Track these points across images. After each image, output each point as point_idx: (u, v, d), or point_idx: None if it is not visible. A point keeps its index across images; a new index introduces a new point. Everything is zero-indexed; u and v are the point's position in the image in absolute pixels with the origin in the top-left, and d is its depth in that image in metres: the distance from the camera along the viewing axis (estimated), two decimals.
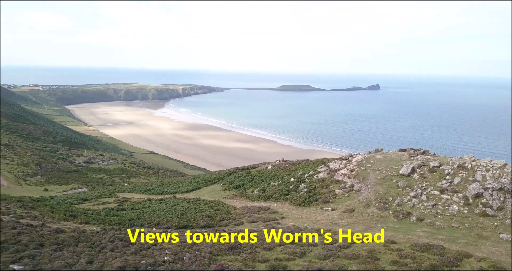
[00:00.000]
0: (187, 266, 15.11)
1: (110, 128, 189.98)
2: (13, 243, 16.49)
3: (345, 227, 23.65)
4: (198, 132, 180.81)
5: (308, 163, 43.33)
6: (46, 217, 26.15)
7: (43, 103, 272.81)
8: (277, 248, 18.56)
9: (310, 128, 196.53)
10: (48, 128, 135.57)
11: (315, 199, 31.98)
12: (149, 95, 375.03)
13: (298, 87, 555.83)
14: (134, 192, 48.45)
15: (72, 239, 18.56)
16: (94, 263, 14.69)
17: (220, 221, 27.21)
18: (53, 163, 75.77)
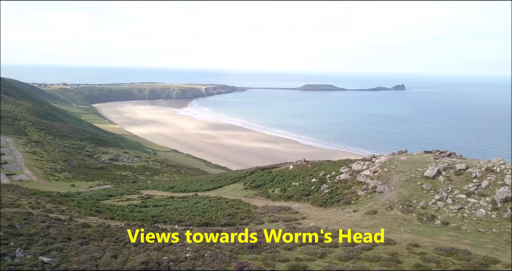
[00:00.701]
0: (208, 263, 15.30)
1: (134, 127, 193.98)
2: (42, 236, 17.12)
3: (367, 229, 23.34)
4: (220, 131, 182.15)
5: (330, 164, 42.98)
6: (73, 212, 26.99)
7: (71, 102, 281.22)
8: (297, 248, 18.53)
9: (333, 129, 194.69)
10: (76, 126, 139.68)
11: (337, 200, 31.69)
12: (172, 94, 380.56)
13: (321, 86, 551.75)
14: (157, 189, 49.31)
15: (97, 234, 19.09)
16: (118, 257, 15.07)
17: (241, 219, 27.37)
18: (80, 160, 78.01)
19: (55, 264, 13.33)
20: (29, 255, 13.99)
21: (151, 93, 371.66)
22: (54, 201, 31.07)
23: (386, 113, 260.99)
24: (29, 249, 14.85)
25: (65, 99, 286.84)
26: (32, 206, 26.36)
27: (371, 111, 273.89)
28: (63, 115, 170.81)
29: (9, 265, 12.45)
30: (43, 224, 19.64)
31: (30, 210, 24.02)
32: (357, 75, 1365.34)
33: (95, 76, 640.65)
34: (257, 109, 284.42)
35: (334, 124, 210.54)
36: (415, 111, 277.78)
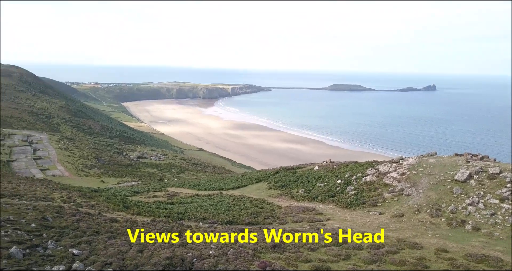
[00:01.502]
0: (231, 261, 15.40)
1: (162, 125, 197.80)
2: (72, 229, 17.72)
3: (393, 232, 22.84)
4: (246, 131, 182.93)
5: (356, 165, 42.33)
6: (102, 207, 27.81)
7: (102, 100, 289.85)
8: (321, 249, 18.37)
9: (360, 130, 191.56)
10: (106, 123, 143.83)
11: (362, 202, 31.17)
12: (199, 93, 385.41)
13: (349, 86, 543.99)
14: (183, 187, 50.06)
15: (124, 229, 19.58)
16: (144, 252, 15.41)
17: (264, 219, 27.39)
18: (109, 157, 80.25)
19: (84, 256, 13.77)
20: (60, 247, 14.51)
21: (178, 93, 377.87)
22: (84, 196, 32.12)
23: (416, 115, 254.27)
24: (60, 241, 15.41)
25: (96, 97, 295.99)
26: (63, 200, 27.34)
27: (400, 113, 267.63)
28: (94, 113, 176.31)
29: (41, 255, 12.97)
30: (73, 217, 20.33)
31: (61, 204, 24.92)
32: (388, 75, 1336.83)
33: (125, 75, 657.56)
34: (283, 109, 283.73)
35: (361, 125, 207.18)
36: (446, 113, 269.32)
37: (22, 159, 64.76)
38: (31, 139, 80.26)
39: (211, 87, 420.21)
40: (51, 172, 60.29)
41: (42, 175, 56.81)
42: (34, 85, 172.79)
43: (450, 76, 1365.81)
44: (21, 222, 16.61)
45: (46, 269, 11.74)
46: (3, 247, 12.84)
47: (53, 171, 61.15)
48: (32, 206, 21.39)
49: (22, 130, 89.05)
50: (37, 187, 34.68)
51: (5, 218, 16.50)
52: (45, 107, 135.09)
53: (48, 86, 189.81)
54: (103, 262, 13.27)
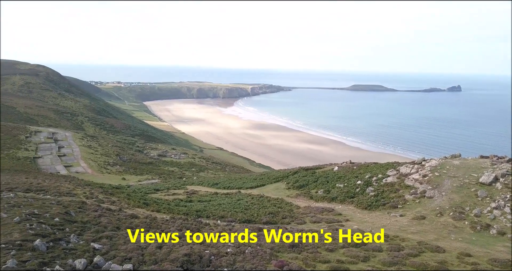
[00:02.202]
0: (248, 260, 15.41)
1: (182, 124, 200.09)
2: (94, 224, 18.12)
3: (414, 235, 22.36)
4: (265, 131, 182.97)
5: (377, 166, 41.67)
6: (123, 203, 28.33)
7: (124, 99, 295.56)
8: (339, 250, 18.15)
9: (381, 131, 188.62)
10: (128, 122, 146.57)
11: (383, 203, 30.65)
12: (219, 93, 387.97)
13: (370, 87, 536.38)
14: (202, 185, 50.46)
15: (144, 225, 19.89)
16: (162, 248, 15.59)
17: (282, 218, 27.30)
18: (130, 155, 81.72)
19: (105, 251, 14.04)
20: (82, 241, 14.86)
21: (199, 92, 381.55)
22: (106, 193, 32.80)
23: (439, 116, 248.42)
24: (82, 235, 15.78)
25: (119, 96, 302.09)
26: (86, 196, 28.00)
27: (423, 114, 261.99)
28: (117, 112, 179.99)
29: (64, 249, 13.30)
30: (95, 213, 20.78)
31: (84, 200, 25.53)
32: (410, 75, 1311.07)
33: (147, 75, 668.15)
34: (302, 109, 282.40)
35: (382, 127, 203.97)
36: (471, 114, 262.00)
37: (47, 156, 66.68)
38: (56, 136, 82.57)
39: (231, 87, 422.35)
40: (74, 169, 61.84)
41: (66, 171, 58.33)
42: (59, 84, 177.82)
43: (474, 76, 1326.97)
44: (45, 216, 17.09)
45: (69, 262, 12.02)
46: (28, 240, 13.24)
47: (77, 168, 62.70)
48: (56, 201, 21.99)
49: (48, 128, 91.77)
50: (61, 183, 35.64)
51: (30, 212, 17.02)
52: (69, 106, 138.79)
53: (73, 85, 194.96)
54: (123, 257, 13.50)
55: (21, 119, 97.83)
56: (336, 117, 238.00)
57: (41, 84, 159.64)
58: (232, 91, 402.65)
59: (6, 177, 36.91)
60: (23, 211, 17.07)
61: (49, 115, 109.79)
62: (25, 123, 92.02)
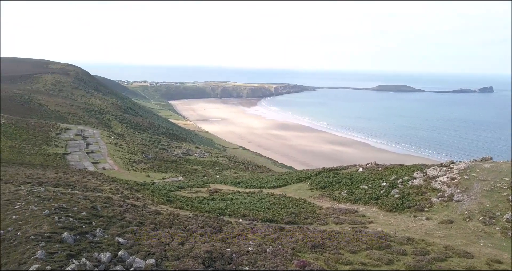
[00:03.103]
0: (270, 259, 15.36)
1: (206, 123, 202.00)
2: (119, 219, 18.52)
3: (441, 239, 21.70)
4: (288, 131, 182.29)
5: (403, 168, 40.71)
6: (147, 200, 28.85)
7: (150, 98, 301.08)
8: (362, 252, 17.84)
9: (408, 133, 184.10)
10: (153, 120, 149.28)
11: (408, 206, 29.90)
12: (243, 93, 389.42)
13: (397, 87, 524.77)
14: (224, 184, 50.77)
15: (167, 221, 20.17)
16: (185, 244, 15.76)
17: (304, 219, 27.09)
18: (155, 153, 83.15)
19: (129, 245, 14.32)
20: (107, 235, 15.20)
21: (223, 92, 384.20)
22: (131, 189, 33.50)
23: (470, 118, 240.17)
24: (108, 229, 16.14)
25: (145, 95, 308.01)
26: (112, 192, 28.67)
27: (452, 116, 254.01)
28: (143, 110, 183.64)
29: (90, 242, 13.65)
30: (120, 208, 21.24)
31: (110, 195, 26.15)
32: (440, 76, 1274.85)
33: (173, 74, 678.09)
34: (326, 110, 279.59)
35: (409, 128, 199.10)
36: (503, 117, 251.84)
37: (76, 152, 68.75)
38: (85, 133, 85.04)
39: (255, 86, 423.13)
40: (101, 165, 63.46)
41: (93, 168, 59.95)
42: (88, 83, 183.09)
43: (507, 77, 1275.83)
44: (73, 210, 17.59)
45: (94, 255, 12.32)
46: (57, 232, 13.66)
47: (104, 164, 64.32)
48: (84, 196, 22.62)
49: (77, 125, 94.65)
50: (88, 178, 36.67)
51: (59, 206, 17.56)
52: (98, 104, 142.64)
53: (101, 84, 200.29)
54: (146, 252, 13.73)
55: (52, 116, 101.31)
56: (361, 118, 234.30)
57: (71, 83, 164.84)
58: (256, 91, 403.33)
59: (37, 172, 38.30)
60: (52, 204, 17.63)
61: (78, 113, 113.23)
62: (56, 121, 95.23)
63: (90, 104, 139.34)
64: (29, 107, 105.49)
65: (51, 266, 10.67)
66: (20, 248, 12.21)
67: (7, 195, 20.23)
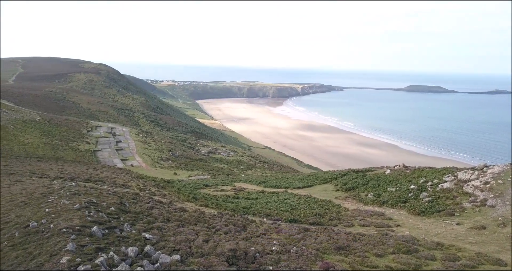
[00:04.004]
0: (293, 259, 15.26)
1: (232, 123, 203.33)
2: (146, 215, 18.89)
3: (472, 245, 20.89)
4: (314, 131, 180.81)
5: (432, 171, 39.50)
6: (173, 197, 29.32)
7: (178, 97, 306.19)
8: (389, 256, 17.42)
9: (438, 135, 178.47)
10: (180, 119, 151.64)
11: (438, 210, 28.97)
12: (269, 93, 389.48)
13: (428, 88, 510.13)
14: (249, 183, 50.93)
15: (192, 218, 20.41)
16: (209, 242, 15.89)
17: (329, 220, 26.76)
18: (182, 151, 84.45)
19: (155, 241, 14.58)
20: (134, 230, 15.54)
21: (249, 92, 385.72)
22: (158, 186, 34.14)
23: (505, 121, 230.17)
24: (135, 225, 16.50)
25: (173, 94, 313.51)
26: (139, 188, 29.32)
27: (486, 118, 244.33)
28: (170, 109, 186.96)
29: (117, 236, 14.00)
30: (147, 204, 21.67)
31: (137, 192, 26.74)
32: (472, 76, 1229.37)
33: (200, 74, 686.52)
34: (353, 110, 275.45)
35: (440, 130, 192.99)
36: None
37: (106, 149, 70.81)
38: (115, 131, 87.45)
39: (281, 86, 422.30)
40: (130, 162, 65.06)
41: (122, 164, 61.55)
42: (118, 82, 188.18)
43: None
44: (102, 205, 18.09)
45: (122, 249, 12.63)
46: (87, 226, 14.09)
47: (132, 161, 65.91)
48: (112, 192, 23.23)
49: (107, 123, 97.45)
50: (117, 175, 37.68)
51: (89, 200, 18.11)
52: (127, 103, 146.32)
53: (131, 83, 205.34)
54: (171, 248, 13.94)
55: (84, 114, 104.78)
56: (389, 119, 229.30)
57: (102, 82, 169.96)
58: (282, 90, 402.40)
59: (69, 168, 39.71)
60: (82, 199, 18.20)
61: (108, 111, 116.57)
62: (87, 118, 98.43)
63: (120, 102, 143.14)
64: (62, 105, 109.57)
65: (81, 258, 11.02)
66: (52, 240, 12.67)
67: (41, 189, 21.06)
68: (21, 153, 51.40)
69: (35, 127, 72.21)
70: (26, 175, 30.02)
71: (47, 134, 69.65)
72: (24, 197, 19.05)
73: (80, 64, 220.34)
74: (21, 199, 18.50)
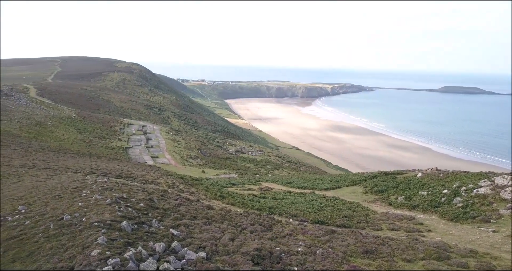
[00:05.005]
0: (319, 261, 15.07)
1: (260, 122, 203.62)
2: (174, 211, 19.22)
3: (509, 254, 19.89)
4: (344, 132, 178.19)
5: (467, 175, 37.99)
6: (201, 195, 29.68)
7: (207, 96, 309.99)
8: (418, 262, 16.89)
9: (475, 139, 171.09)
10: (209, 118, 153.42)
11: (472, 216, 27.84)
12: (298, 92, 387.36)
13: (464, 89, 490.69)
14: (276, 183, 50.81)
15: (219, 217, 20.58)
16: (235, 240, 15.97)
17: (357, 223, 26.28)
18: (210, 150, 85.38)
19: (182, 238, 14.81)
20: (162, 227, 15.83)
21: (278, 91, 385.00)
22: (186, 183, 34.67)
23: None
24: (163, 221, 16.81)
25: (203, 94, 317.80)
26: (168, 185, 29.88)
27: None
28: (200, 108, 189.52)
29: (146, 232, 14.31)
30: (175, 201, 22.04)
31: (166, 188, 27.26)
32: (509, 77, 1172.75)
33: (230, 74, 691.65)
34: (385, 111, 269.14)
35: (477, 134, 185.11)
36: None
37: (137, 147, 72.67)
38: (145, 129, 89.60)
39: (310, 86, 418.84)
40: (160, 160, 66.45)
41: (152, 162, 62.95)
42: (150, 80, 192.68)
43: None
44: (132, 201, 18.56)
45: (150, 244, 12.90)
46: (117, 221, 14.50)
47: (162, 159, 67.29)
48: (142, 188, 23.80)
49: (139, 121, 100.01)
50: (147, 172, 38.58)
51: (119, 196, 18.63)
52: (158, 101, 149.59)
53: (162, 82, 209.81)
54: (197, 245, 14.11)
55: (116, 112, 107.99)
56: (422, 121, 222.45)
57: (134, 81, 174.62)
58: (311, 90, 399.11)
59: (102, 164, 41.02)
60: (113, 194, 18.75)
61: (140, 109, 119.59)
62: (120, 116, 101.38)
63: (151, 101, 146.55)
64: (97, 103, 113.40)
65: (110, 252, 11.34)
66: (84, 233, 13.12)
67: (75, 183, 21.87)
68: (58, 149, 53.58)
69: (71, 124, 75.13)
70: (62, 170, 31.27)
71: (82, 131, 72.30)
72: (59, 191, 19.84)
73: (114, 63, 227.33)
74: (56, 193, 19.28)
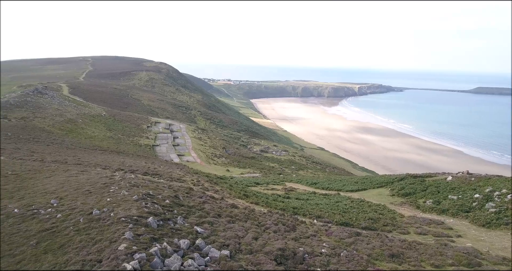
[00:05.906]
0: (343, 263, 14.87)
1: (285, 122, 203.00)
2: (198, 209, 19.44)
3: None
4: (371, 133, 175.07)
5: (501, 180, 36.44)
6: (225, 193, 29.87)
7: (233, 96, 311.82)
8: (447, 268, 16.36)
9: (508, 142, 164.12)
10: (235, 118, 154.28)
11: (505, 222, 26.69)
12: (324, 92, 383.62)
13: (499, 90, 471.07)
14: (300, 183, 50.50)
15: (242, 215, 20.65)
16: (258, 240, 15.99)
17: (383, 226, 25.73)
18: (235, 149, 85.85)
19: (206, 235, 14.95)
20: (186, 224, 16.05)
21: (303, 91, 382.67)
22: (211, 182, 35.00)
23: None
24: (188, 218, 17.03)
25: (228, 93, 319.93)
26: (193, 183, 30.25)
27: None
28: (225, 107, 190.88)
29: (171, 228, 14.55)
30: (200, 199, 22.29)
31: (191, 186, 27.61)
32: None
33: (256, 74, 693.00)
34: (414, 112, 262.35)
35: None
36: None
37: (164, 145, 74.00)
38: (172, 127, 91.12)
39: (337, 86, 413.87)
40: (185, 158, 67.41)
41: (178, 160, 63.94)
42: (177, 80, 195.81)
43: None
44: (158, 198, 18.91)
45: (174, 241, 13.11)
46: (143, 216, 14.81)
47: (188, 157, 68.24)
48: (168, 185, 24.19)
49: (166, 120, 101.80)
50: (173, 169, 39.21)
51: (146, 192, 19.01)
52: (185, 100, 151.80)
53: (189, 81, 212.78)
54: (221, 243, 14.21)
55: (144, 110, 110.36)
56: (454, 123, 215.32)
57: (162, 80, 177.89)
58: (338, 90, 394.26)
59: (129, 161, 42.01)
60: (140, 191, 19.16)
61: (167, 108, 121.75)
62: (148, 114, 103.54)
63: (178, 100, 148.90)
64: (126, 101, 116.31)
65: (137, 247, 11.61)
66: (112, 228, 13.48)
67: (104, 179, 22.49)
68: (88, 145, 55.31)
69: (101, 121, 77.39)
70: (92, 166, 32.22)
71: (111, 129, 74.32)
72: (89, 186, 20.47)
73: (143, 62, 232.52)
74: (86, 188, 19.89)
